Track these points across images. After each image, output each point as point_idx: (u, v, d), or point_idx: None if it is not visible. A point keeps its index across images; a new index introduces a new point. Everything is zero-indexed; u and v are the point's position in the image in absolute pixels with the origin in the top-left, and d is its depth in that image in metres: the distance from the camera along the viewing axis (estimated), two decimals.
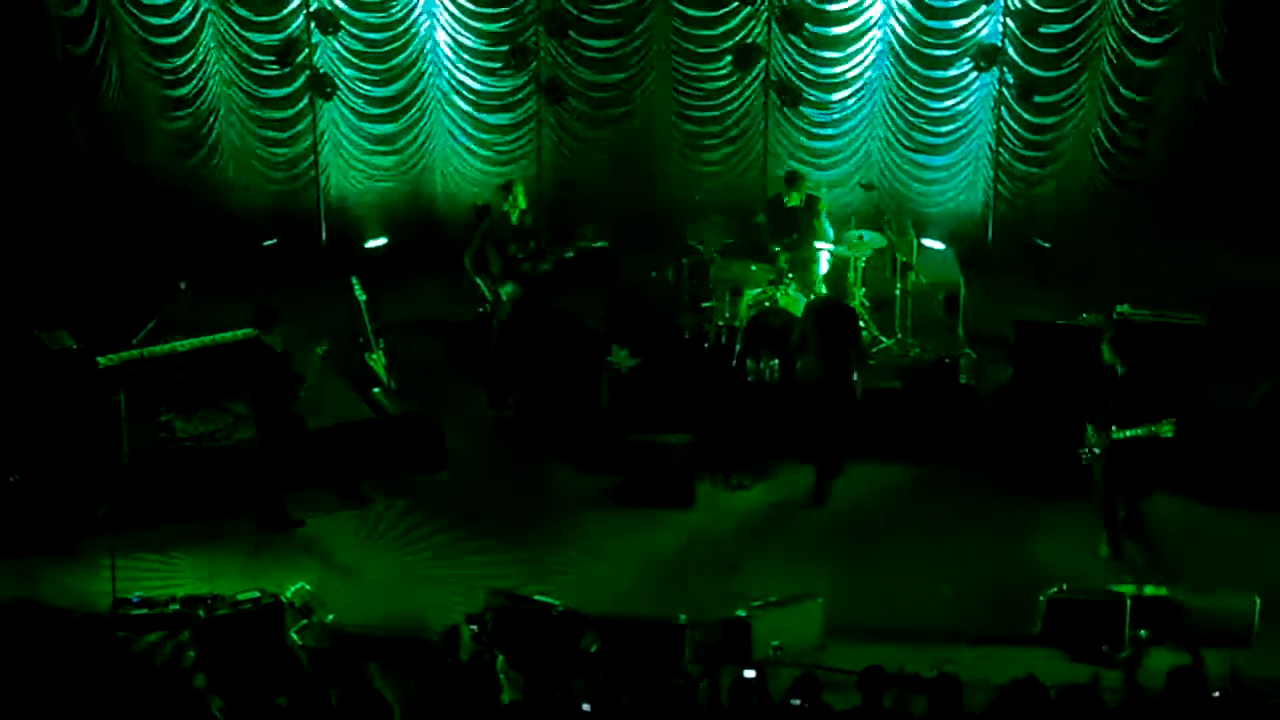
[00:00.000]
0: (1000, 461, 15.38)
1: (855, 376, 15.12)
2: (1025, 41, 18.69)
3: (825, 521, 14.89)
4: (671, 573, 14.04)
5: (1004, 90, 18.90)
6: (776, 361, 16.15)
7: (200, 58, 19.21)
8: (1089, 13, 18.57)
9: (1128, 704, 10.63)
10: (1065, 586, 12.98)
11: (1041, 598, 12.93)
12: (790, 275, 16.64)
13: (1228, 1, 18.28)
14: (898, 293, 17.09)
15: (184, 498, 14.91)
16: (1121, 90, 18.67)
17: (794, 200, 17.13)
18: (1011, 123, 19.03)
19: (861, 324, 16.79)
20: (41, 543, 14.20)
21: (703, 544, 14.53)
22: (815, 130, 19.37)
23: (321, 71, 19.27)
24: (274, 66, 19.27)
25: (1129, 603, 12.68)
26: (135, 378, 15.70)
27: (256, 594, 12.82)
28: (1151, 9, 18.44)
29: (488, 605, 12.50)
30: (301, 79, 19.32)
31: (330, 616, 12.93)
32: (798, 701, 10.32)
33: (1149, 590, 12.89)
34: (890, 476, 15.51)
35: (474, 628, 11.36)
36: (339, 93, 19.38)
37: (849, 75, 19.21)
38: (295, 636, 12.53)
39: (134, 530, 14.11)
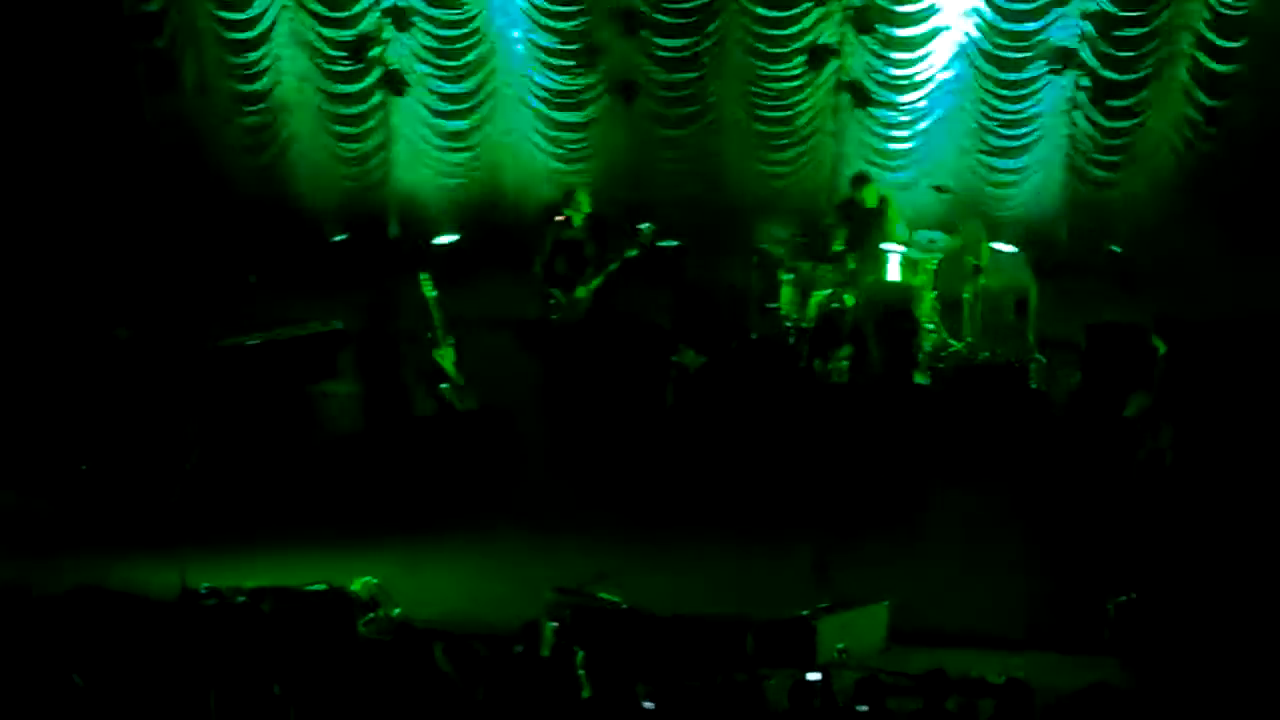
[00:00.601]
0: (1070, 467, 15.30)
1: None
2: (1101, 44, 18.58)
3: (892, 525, 14.83)
4: (739, 574, 13.99)
5: (1079, 93, 18.80)
6: (846, 363, 16.14)
7: (274, 53, 19.33)
8: (1165, 16, 18.44)
9: None
10: (1134, 594, 12.86)
11: (1110, 605, 12.82)
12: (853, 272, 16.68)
13: None
14: (968, 296, 17.01)
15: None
16: (1198, 95, 18.54)
17: (869, 201, 17.10)
18: (1086, 126, 18.94)
19: (931, 327, 16.77)
20: (110, 532, 14.31)
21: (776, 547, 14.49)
22: (887, 131, 19.30)
23: (394, 68, 19.36)
24: (347, 62, 19.39)
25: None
26: (205, 370, 15.82)
27: (324, 587, 12.88)
28: (1229, 13, 18.29)
29: (554, 602, 12.52)
30: (375, 75, 19.42)
31: (397, 610, 12.97)
32: (864, 708, 10.29)
33: None
34: (958, 481, 15.42)
35: (555, 624, 11.36)
36: (411, 89, 19.47)
37: (921, 77, 19.14)
38: (362, 629, 12.58)
39: (204, 520, 14.17)
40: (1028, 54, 18.78)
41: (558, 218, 16.68)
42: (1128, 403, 14.67)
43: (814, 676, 10.57)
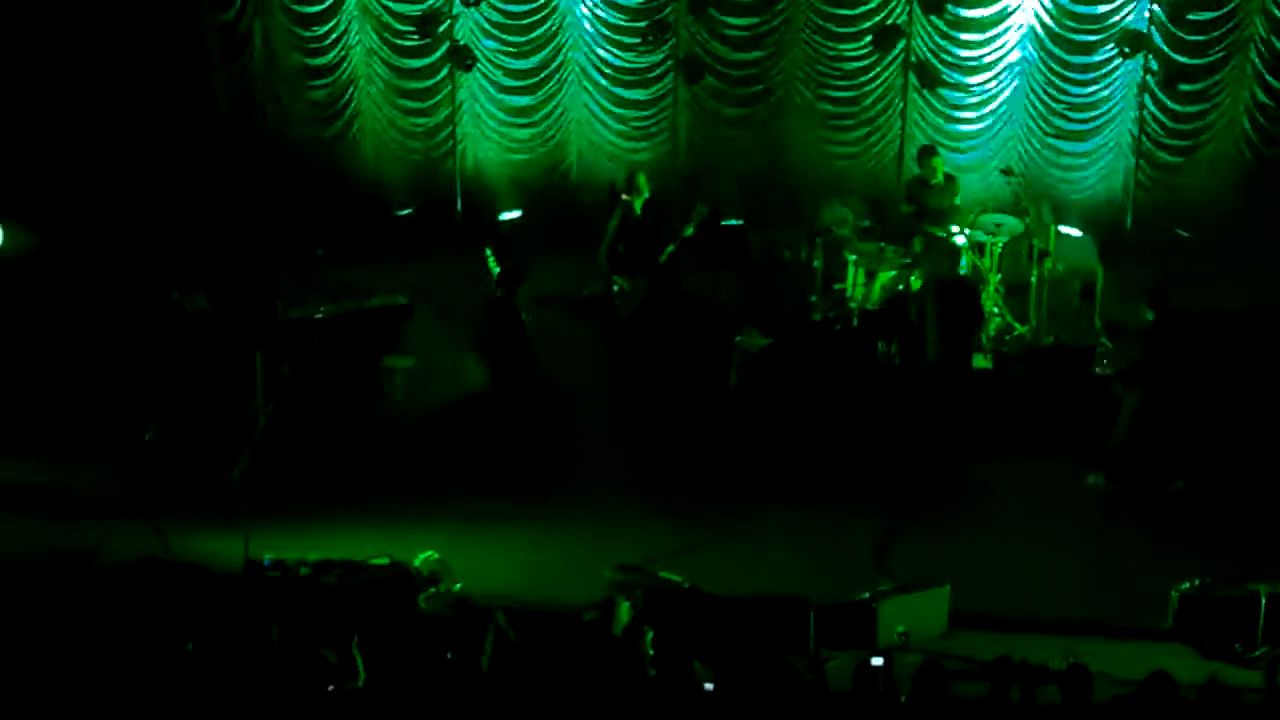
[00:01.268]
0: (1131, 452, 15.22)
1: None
2: (1171, 28, 18.45)
3: (954, 508, 14.79)
4: (800, 556, 13.97)
5: (1148, 77, 18.66)
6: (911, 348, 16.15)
7: (343, 27, 19.40)
8: (1238, 0, 18.30)
9: (1266, 704, 10.48)
10: (1199, 581, 12.79)
11: (1174, 592, 12.75)
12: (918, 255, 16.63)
13: None
14: (1034, 279, 16.92)
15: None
16: (1269, 80, 18.38)
17: (937, 176, 17.02)
18: (1155, 110, 18.80)
19: (995, 310, 16.70)
20: (175, 502, 14.40)
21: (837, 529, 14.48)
22: (954, 113, 19.22)
23: (462, 43, 19.39)
24: (415, 37, 19.43)
25: (1264, 600, 12.48)
26: (272, 342, 15.89)
27: (387, 560, 12.94)
28: None
29: (615, 581, 12.53)
30: (442, 50, 19.45)
31: (458, 585, 13.02)
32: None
33: None
34: (1022, 465, 15.36)
35: (629, 603, 11.38)
36: (478, 64, 19.49)
37: (990, 58, 19.04)
38: (423, 604, 12.63)
39: (268, 492, 14.22)
40: (1097, 37, 18.67)
41: (623, 197, 16.68)
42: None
43: (877, 660, 10.52)
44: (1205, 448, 15.00)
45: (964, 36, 18.98)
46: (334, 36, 19.43)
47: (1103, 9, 18.59)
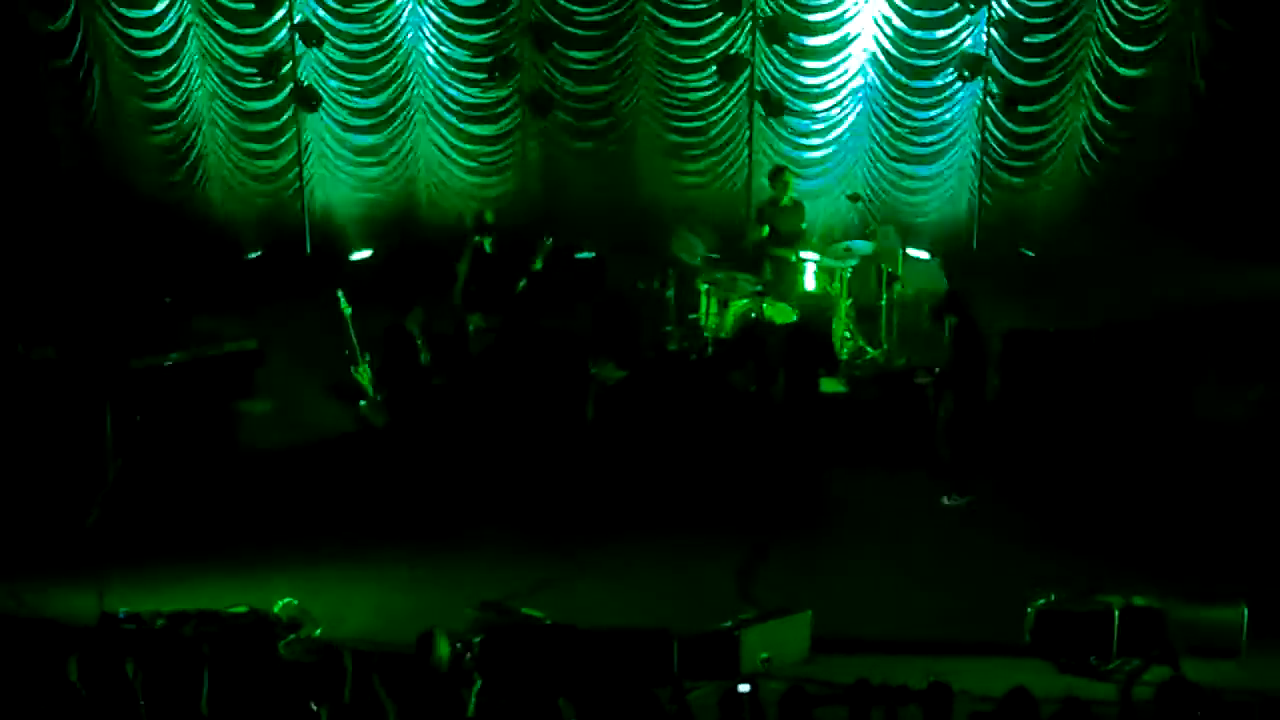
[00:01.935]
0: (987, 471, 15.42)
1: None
2: (1009, 51, 18.77)
3: (813, 533, 14.88)
4: (666, 588, 13.98)
5: (988, 100, 18.96)
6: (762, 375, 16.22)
7: (184, 71, 19.23)
8: (1072, 22, 18.67)
9: (1121, 717, 10.63)
10: (1054, 597, 12.94)
11: (1030, 608, 12.89)
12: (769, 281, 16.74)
13: (1210, 10, 18.37)
14: (884, 303, 17.10)
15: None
16: (1106, 99, 18.75)
17: (786, 199, 17.15)
18: (996, 132, 19.12)
19: (847, 334, 16.85)
20: (25, 556, 14.13)
21: (697, 559, 14.49)
22: (800, 140, 19.41)
23: (306, 84, 19.28)
24: (258, 79, 19.29)
25: (1117, 614, 12.66)
26: (121, 391, 15.67)
27: (245, 609, 12.79)
28: (1135, 18, 18.53)
29: (475, 618, 12.47)
30: (286, 91, 19.33)
31: (318, 631, 12.88)
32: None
33: (1137, 601, 12.85)
34: (879, 487, 15.49)
35: (460, 645, 11.31)
36: (324, 105, 19.39)
37: (833, 85, 19.25)
38: (283, 650, 12.47)
39: (122, 543, 14.00)
40: (938, 62, 18.96)
41: (475, 238, 16.64)
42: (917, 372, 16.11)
43: (744, 688, 10.53)
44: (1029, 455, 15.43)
45: (807, 64, 19.22)
46: (175, 80, 19.24)
47: (941, 34, 18.89)
